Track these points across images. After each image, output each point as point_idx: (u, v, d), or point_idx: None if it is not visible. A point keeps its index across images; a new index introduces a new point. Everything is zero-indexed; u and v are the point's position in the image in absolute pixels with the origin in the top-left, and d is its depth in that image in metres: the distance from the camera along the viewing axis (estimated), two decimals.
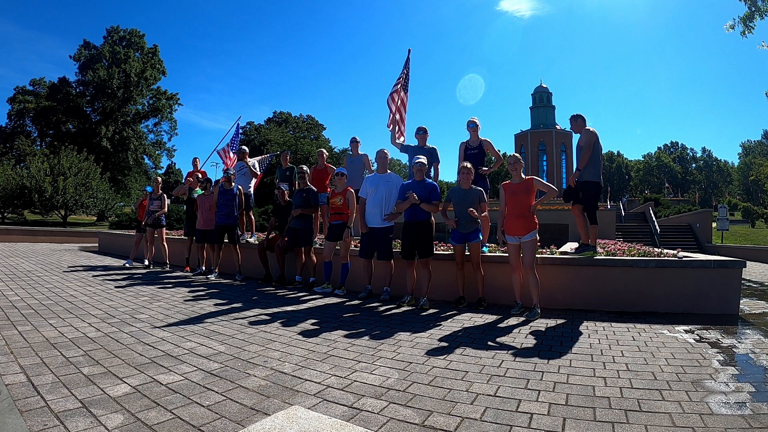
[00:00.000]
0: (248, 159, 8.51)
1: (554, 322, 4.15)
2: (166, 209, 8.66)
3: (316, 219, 6.47)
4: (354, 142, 7.31)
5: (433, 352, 3.22)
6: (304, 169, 6.65)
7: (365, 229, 5.44)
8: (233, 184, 7.41)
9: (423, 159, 5.24)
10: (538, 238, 4.62)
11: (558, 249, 5.94)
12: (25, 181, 26.17)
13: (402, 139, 6.67)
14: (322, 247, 6.19)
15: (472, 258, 4.91)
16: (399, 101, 6.68)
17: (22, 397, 2.26)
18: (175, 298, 5.31)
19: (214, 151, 9.91)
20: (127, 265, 8.53)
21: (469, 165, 5.00)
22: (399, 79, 6.82)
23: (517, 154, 4.75)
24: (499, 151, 5.88)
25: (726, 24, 5.91)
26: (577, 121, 5.34)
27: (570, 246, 5.54)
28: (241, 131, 9.63)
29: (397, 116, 6.63)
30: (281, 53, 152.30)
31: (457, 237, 4.95)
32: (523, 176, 4.70)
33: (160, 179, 8.95)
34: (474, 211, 4.77)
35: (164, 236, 8.83)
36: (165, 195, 8.69)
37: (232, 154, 9.57)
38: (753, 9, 5.63)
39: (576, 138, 5.40)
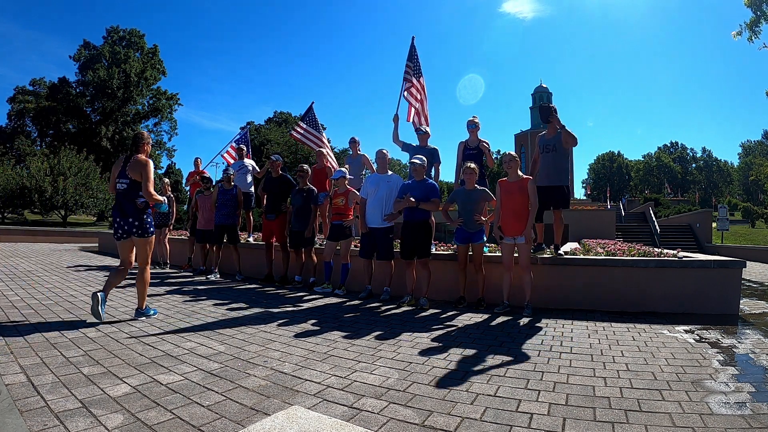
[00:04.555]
0: (246, 159, 8.51)
1: (554, 322, 4.15)
2: (174, 209, 8.73)
3: (315, 219, 6.46)
4: (353, 142, 7.30)
5: (433, 352, 3.22)
6: (305, 167, 6.59)
7: (365, 229, 5.44)
8: (233, 184, 7.41)
9: (421, 157, 5.23)
10: (534, 235, 4.62)
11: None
12: (25, 181, 26.18)
13: (424, 126, 6.57)
14: (323, 247, 6.19)
15: (475, 259, 4.90)
16: (417, 92, 6.66)
17: (22, 397, 2.25)
18: (175, 298, 5.31)
19: (219, 154, 9.94)
20: None
21: (473, 165, 4.95)
22: (408, 71, 6.74)
23: (512, 152, 4.73)
24: (492, 153, 5.87)
25: (733, 32, 5.93)
26: (555, 115, 5.10)
27: (569, 246, 5.56)
28: (241, 131, 9.64)
29: (419, 106, 6.63)
30: (283, 54, 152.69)
31: (461, 236, 4.93)
32: (520, 174, 4.66)
33: (167, 180, 8.97)
34: (480, 216, 4.84)
35: (167, 235, 8.83)
36: (172, 196, 8.72)
37: (234, 153, 9.55)
38: (759, 14, 5.62)
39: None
